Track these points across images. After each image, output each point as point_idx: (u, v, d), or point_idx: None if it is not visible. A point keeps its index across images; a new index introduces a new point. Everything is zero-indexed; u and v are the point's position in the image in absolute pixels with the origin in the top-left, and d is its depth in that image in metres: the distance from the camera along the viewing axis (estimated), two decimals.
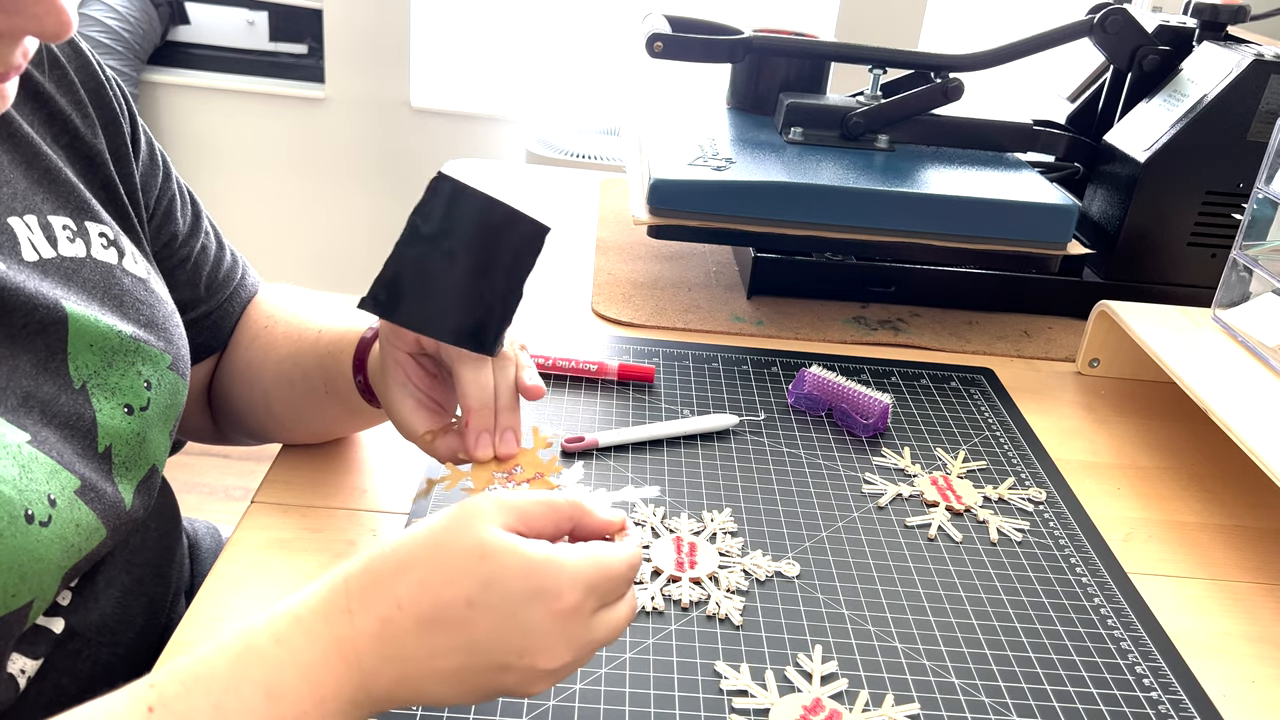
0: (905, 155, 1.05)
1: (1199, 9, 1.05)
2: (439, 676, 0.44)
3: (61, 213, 0.58)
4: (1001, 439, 0.84)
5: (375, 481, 0.72)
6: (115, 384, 0.57)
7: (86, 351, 0.55)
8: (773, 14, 2.34)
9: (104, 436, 0.55)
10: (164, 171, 0.69)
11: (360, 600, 0.44)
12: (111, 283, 0.59)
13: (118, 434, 0.56)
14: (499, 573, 0.43)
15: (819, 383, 0.84)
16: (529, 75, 2.42)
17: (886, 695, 0.57)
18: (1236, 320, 0.87)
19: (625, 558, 0.47)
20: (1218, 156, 0.97)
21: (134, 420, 0.57)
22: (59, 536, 0.50)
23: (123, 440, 0.57)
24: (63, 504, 0.51)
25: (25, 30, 0.45)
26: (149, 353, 0.59)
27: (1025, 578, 0.68)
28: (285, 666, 0.42)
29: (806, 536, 0.70)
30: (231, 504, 2.05)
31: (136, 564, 0.62)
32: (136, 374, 0.58)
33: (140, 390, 0.58)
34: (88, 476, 0.53)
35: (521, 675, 0.44)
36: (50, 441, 0.52)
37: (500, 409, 0.56)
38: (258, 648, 0.43)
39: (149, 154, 0.68)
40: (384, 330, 0.58)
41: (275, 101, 2.41)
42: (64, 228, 0.57)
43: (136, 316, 0.59)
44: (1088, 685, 0.59)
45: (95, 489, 0.54)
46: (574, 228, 1.19)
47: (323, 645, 0.43)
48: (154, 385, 0.59)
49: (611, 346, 0.91)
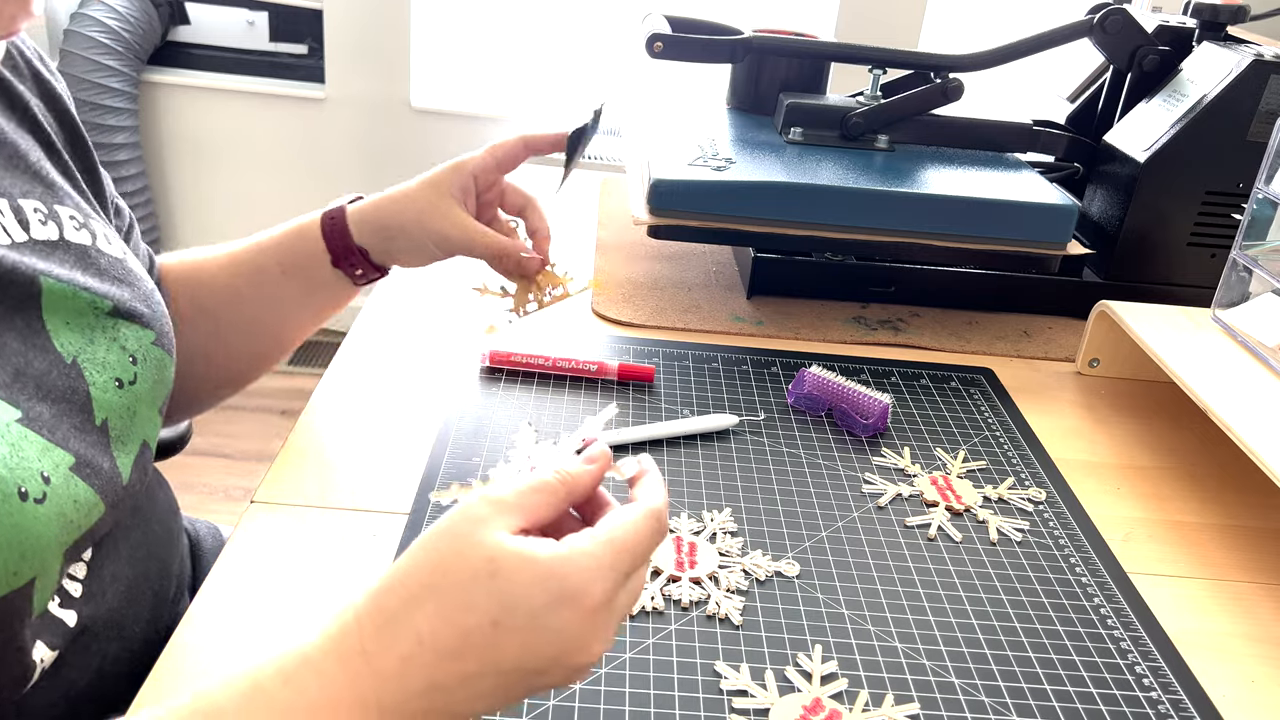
0: (905, 155, 1.05)
1: (1199, 9, 1.05)
2: (473, 697, 0.42)
3: (31, 196, 0.58)
4: (1001, 439, 0.84)
5: (375, 481, 0.72)
6: (103, 358, 0.57)
7: (64, 328, 0.55)
8: (773, 14, 2.34)
9: (99, 410, 0.56)
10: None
11: (375, 640, 0.41)
12: (89, 263, 0.59)
13: (112, 407, 0.56)
14: (516, 587, 0.41)
15: (819, 383, 0.84)
16: (529, 75, 2.42)
17: (886, 695, 0.57)
18: (1236, 320, 0.87)
19: (635, 521, 0.44)
20: (1218, 156, 0.97)
21: (125, 394, 0.58)
22: (57, 513, 0.50)
23: (117, 414, 0.57)
24: (57, 480, 0.51)
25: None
26: (132, 328, 0.60)
27: (1025, 578, 0.68)
28: (295, 709, 0.40)
29: (806, 536, 0.70)
30: (231, 504, 2.05)
31: (139, 557, 0.62)
32: (120, 348, 0.58)
33: (127, 365, 0.58)
34: (83, 452, 0.53)
35: (561, 674, 0.43)
36: (44, 418, 0.52)
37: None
38: (266, 689, 0.40)
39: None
40: (451, 176, 0.75)
41: (275, 101, 2.41)
42: (35, 210, 0.57)
43: (118, 294, 0.60)
44: (1088, 685, 0.59)
45: (91, 464, 0.54)
46: (574, 228, 1.19)
47: (335, 688, 0.41)
48: (140, 360, 0.59)
49: (611, 346, 0.91)
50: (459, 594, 0.41)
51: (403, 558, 0.43)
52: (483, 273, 0.78)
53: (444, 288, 1.01)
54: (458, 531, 0.42)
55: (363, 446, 0.76)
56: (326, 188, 2.48)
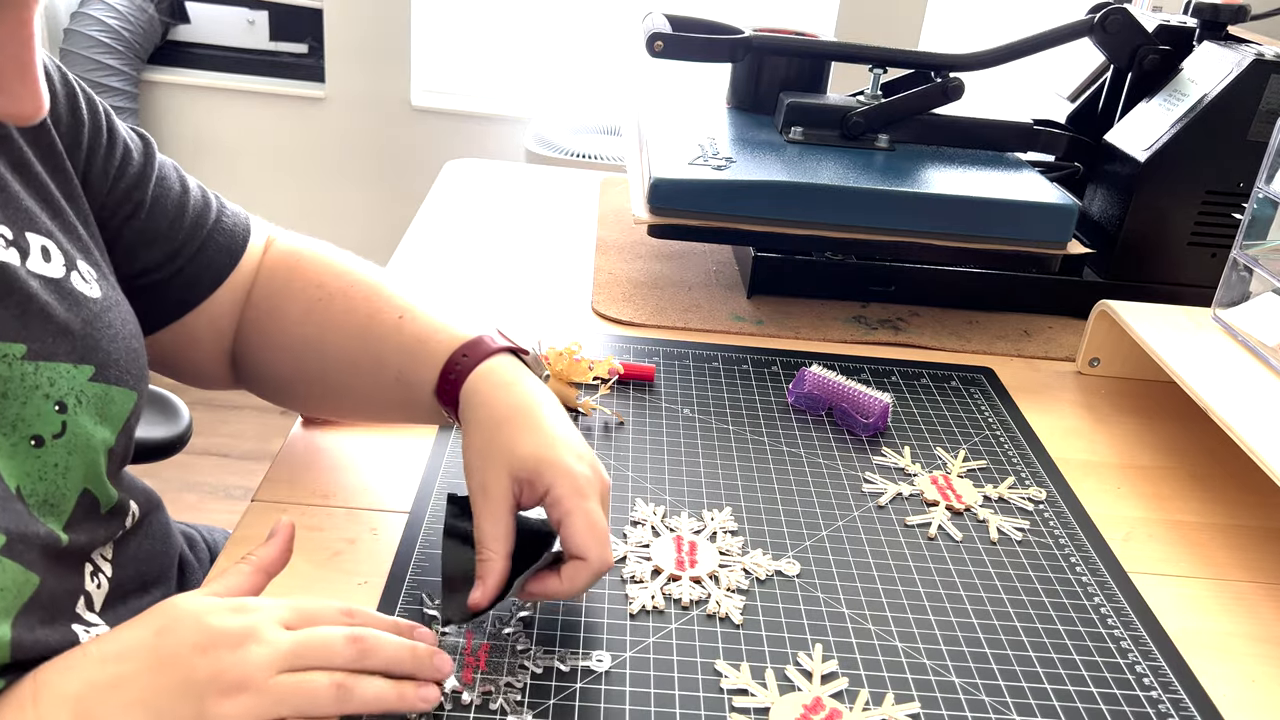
0: (905, 155, 1.05)
1: (1199, 9, 1.05)
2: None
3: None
4: (1001, 438, 0.84)
5: (375, 481, 0.72)
6: (15, 415, 0.51)
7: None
8: (773, 14, 2.34)
9: (8, 477, 0.50)
10: (106, 129, 0.64)
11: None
12: (11, 290, 0.52)
13: (24, 472, 0.51)
14: (172, 608, 0.49)
15: (819, 382, 0.84)
16: (529, 74, 2.42)
17: (887, 694, 0.57)
18: (1237, 320, 0.87)
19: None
20: (1218, 156, 0.97)
21: (46, 451, 0.52)
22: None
23: (34, 476, 0.51)
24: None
25: (1, 110, 0.44)
26: (59, 369, 0.53)
27: (1025, 577, 0.68)
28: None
29: (807, 535, 0.70)
30: (231, 504, 2.05)
31: (144, 585, 0.62)
32: (43, 398, 0.52)
33: (50, 416, 0.52)
34: (9, 526, 0.49)
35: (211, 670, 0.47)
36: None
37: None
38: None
39: (91, 120, 0.63)
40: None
41: (275, 101, 2.41)
42: None
43: (42, 329, 0.53)
44: (1088, 684, 0.59)
45: (24, 538, 0.50)
46: (574, 227, 1.19)
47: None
48: (71, 405, 0.53)
49: (612, 346, 0.91)
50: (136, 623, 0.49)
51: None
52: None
53: (444, 288, 1.01)
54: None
55: (363, 446, 0.76)
56: (326, 187, 2.48)
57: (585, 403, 0.81)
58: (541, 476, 0.57)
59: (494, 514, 0.57)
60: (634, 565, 0.65)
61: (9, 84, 0.43)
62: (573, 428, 0.61)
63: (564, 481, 0.56)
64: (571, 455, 0.58)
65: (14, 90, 0.43)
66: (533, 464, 0.57)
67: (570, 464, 0.57)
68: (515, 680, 0.56)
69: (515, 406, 0.60)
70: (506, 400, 0.61)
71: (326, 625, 0.51)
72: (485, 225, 1.18)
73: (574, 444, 0.59)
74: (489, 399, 0.61)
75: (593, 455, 0.60)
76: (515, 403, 0.61)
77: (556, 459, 0.57)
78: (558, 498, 0.56)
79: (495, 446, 0.59)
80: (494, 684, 0.55)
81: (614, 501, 0.71)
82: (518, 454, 0.58)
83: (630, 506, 0.71)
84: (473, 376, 0.62)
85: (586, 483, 0.57)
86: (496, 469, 0.58)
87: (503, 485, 0.57)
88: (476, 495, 0.58)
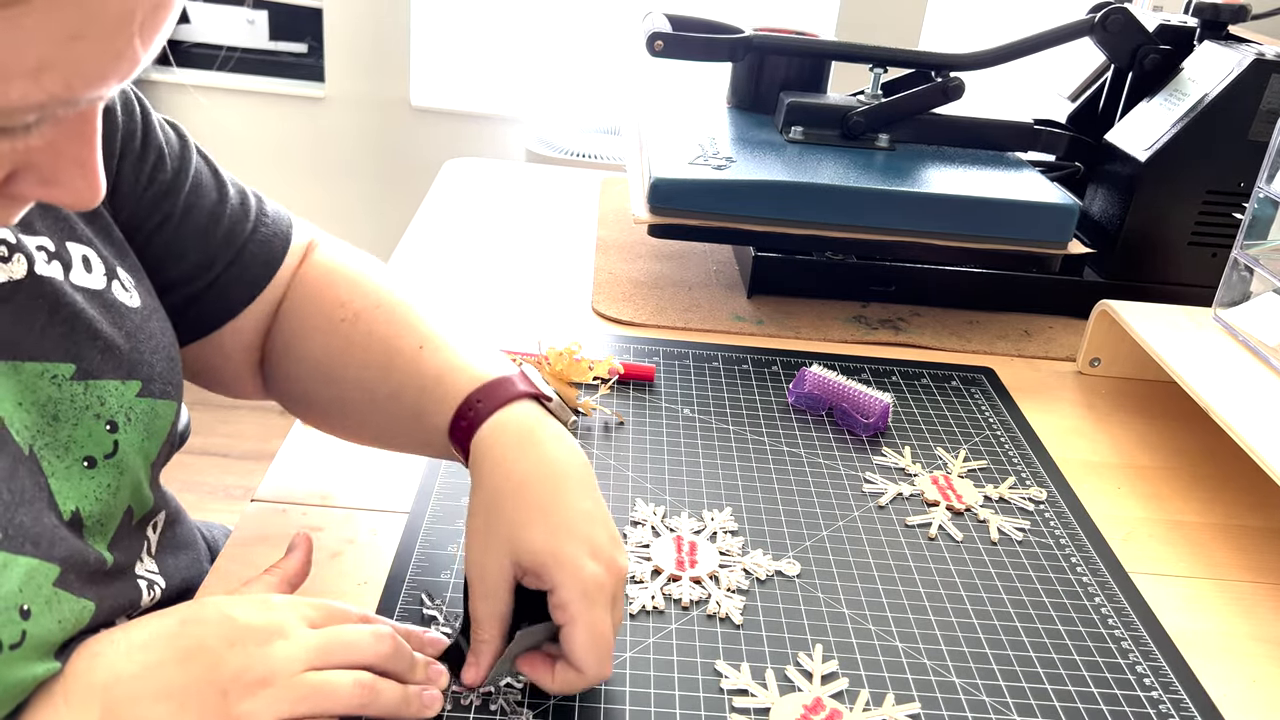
0: (906, 154, 1.05)
1: (1200, 8, 1.05)
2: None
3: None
4: (1002, 438, 0.84)
5: (375, 482, 0.72)
6: (68, 438, 0.50)
7: (18, 410, 0.48)
8: (773, 13, 2.33)
9: (64, 501, 0.49)
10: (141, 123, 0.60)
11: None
12: (51, 310, 0.50)
13: (81, 494, 0.50)
14: (200, 607, 0.50)
15: (819, 382, 0.84)
16: (529, 74, 2.42)
17: (887, 694, 0.57)
18: (1237, 320, 0.87)
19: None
20: (1218, 156, 0.97)
21: (99, 472, 0.51)
22: (33, 648, 0.45)
23: (90, 499, 0.51)
24: (38, 609, 0.45)
25: (58, 200, 0.41)
26: (108, 386, 0.52)
27: (1026, 577, 0.68)
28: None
29: (807, 536, 0.70)
30: (231, 503, 2.05)
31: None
32: (94, 418, 0.51)
33: (102, 436, 0.51)
34: (65, 556, 0.48)
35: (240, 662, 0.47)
36: (20, 527, 0.46)
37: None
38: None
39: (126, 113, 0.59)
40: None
41: (275, 101, 2.41)
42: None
43: (89, 346, 0.52)
44: (1088, 684, 0.59)
45: (75, 566, 0.49)
46: (574, 227, 1.19)
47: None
48: (121, 424, 0.52)
49: (612, 346, 0.91)
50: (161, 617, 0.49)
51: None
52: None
53: (444, 287, 1.01)
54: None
55: (363, 446, 0.75)
56: (326, 187, 2.48)
57: (585, 403, 0.81)
58: (548, 573, 0.52)
59: (489, 596, 0.53)
60: (634, 566, 0.65)
61: (70, 181, 0.40)
62: (594, 499, 0.55)
63: (571, 585, 0.51)
64: (584, 551, 0.52)
65: (75, 186, 0.41)
66: (540, 559, 0.52)
67: (580, 564, 0.52)
68: (515, 680, 0.56)
69: (529, 476, 0.55)
70: (520, 466, 0.55)
71: (351, 625, 0.51)
72: (485, 225, 1.18)
73: (588, 531, 0.53)
74: (501, 461, 0.55)
75: (610, 537, 0.54)
76: (529, 470, 0.55)
77: (566, 558, 0.52)
78: (563, 602, 0.51)
79: (500, 526, 0.54)
80: (493, 684, 0.55)
81: (614, 502, 0.71)
82: (524, 544, 0.52)
83: (630, 506, 0.71)
84: (486, 426, 0.57)
85: (596, 587, 0.51)
86: (498, 554, 0.53)
87: (503, 572, 0.53)
88: (473, 575, 0.54)
